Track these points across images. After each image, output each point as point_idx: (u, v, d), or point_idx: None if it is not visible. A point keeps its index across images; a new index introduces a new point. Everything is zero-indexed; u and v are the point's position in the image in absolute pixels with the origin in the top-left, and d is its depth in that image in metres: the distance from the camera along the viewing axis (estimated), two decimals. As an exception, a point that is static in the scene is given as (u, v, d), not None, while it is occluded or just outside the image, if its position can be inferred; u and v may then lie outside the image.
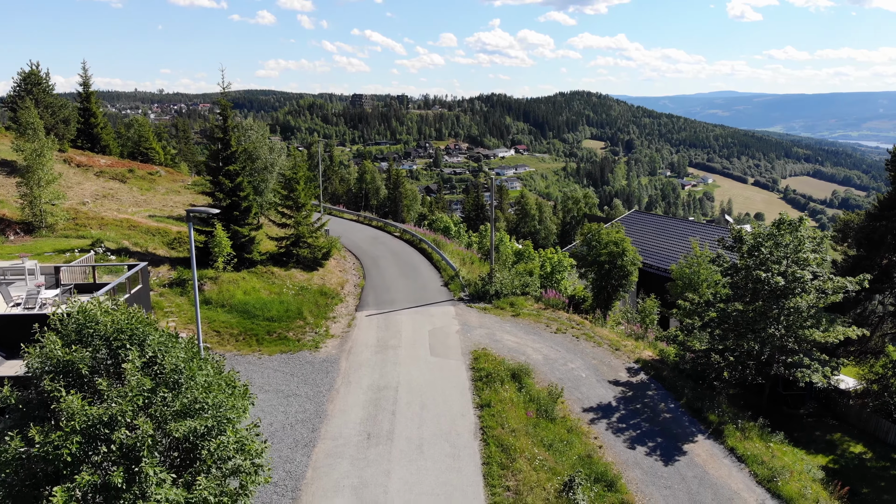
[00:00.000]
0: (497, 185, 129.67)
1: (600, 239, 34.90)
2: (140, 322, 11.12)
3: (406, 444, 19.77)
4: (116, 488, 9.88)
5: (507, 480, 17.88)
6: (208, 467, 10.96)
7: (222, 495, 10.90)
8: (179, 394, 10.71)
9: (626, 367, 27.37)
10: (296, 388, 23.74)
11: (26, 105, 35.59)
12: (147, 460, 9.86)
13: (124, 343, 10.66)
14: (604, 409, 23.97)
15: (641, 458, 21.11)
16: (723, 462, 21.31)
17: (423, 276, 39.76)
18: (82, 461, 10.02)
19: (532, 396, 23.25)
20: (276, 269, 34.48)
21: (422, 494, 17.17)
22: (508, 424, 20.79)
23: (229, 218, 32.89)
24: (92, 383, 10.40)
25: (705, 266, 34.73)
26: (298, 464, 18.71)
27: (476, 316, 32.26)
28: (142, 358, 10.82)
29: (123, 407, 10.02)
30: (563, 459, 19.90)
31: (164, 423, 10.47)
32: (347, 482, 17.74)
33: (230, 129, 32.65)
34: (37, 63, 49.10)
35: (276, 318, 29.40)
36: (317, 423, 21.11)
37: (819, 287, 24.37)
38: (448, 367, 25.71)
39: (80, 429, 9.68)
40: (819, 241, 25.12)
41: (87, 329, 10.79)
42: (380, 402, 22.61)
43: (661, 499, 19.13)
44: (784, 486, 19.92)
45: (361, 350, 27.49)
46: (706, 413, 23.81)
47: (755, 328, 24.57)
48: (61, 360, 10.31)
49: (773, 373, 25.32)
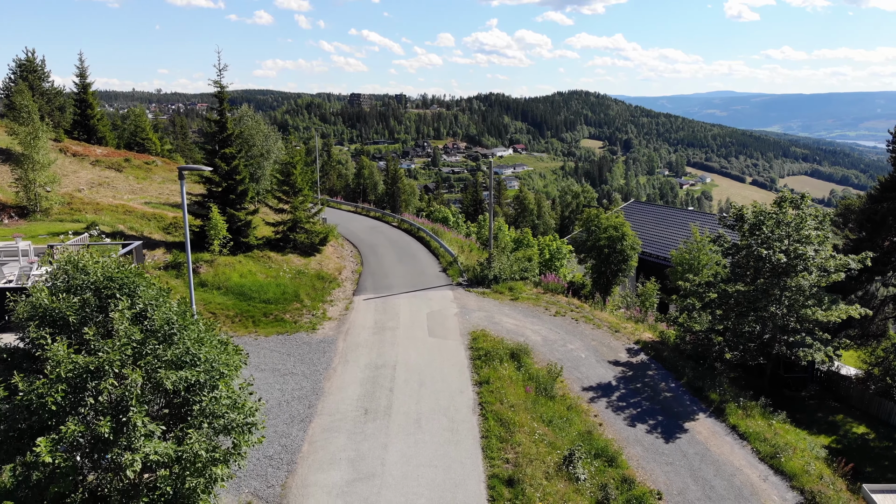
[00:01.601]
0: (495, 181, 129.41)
1: (600, 224, 34.64)
2: (131, 273, 10.81)
3: (404, 418, 19.47)
4: (103, 440, 9.57)
5: (506, 453, 17.58)
6: (200, 423, 10.66)
7: (214, 451, 10.60)
8: (171, 345, 10.40)
9: (625, 349, 27.10)
10: (292, 367, 23.43)
11: (20, 88, 35.19)
12: (135, 409, 9.55)
13: (114, 292, 10.35)
14: (603, 389, 23.70)
15: (642, 436, 20.83)
16: (724, 439, 21.04)
17: (421, 262, 39.46)
18: (68, 413, 9.72)
19: (531, 375, 22.97)
20: (272, 254, 34.15)
21: (420, 466, 16.87)
22: (507, 400, 20.50)
23: (225, 201, 32.58)
24: (80, 333, 10.08)
25: (705, 252, 34.49)
26: (294, 438, 18.40)
27: (474, 300, 31.97)
28: (132, 309, 10.52)
29: (111, 356, 9.72)
30: (563, 435, 19.61)
31: (154, 373, 10.15)
32: (344, 455, 17.44)
33: (226, 112, 32.33)
34: (32, 51, 48.84)
35: (272, 300, 29.09)
36: (313, 400, 20.80)
37: (821, 265, 24.11)
38: (446, 347, 25.43)
39: (65, 377, 9.37)
40: (821, 219, 24.86)
41: (76, 280, 10.48)
42: (377, 379, 22.32)
43: (662, 474, 18.85)
44: (787, 463, 19.65)
45: (359, 331, 27.18)
46: (707, 392, 23.54)
47: (756, 307, 24.31)
48: (48, 309, 10.00)
49: (775, 352, 25.03)
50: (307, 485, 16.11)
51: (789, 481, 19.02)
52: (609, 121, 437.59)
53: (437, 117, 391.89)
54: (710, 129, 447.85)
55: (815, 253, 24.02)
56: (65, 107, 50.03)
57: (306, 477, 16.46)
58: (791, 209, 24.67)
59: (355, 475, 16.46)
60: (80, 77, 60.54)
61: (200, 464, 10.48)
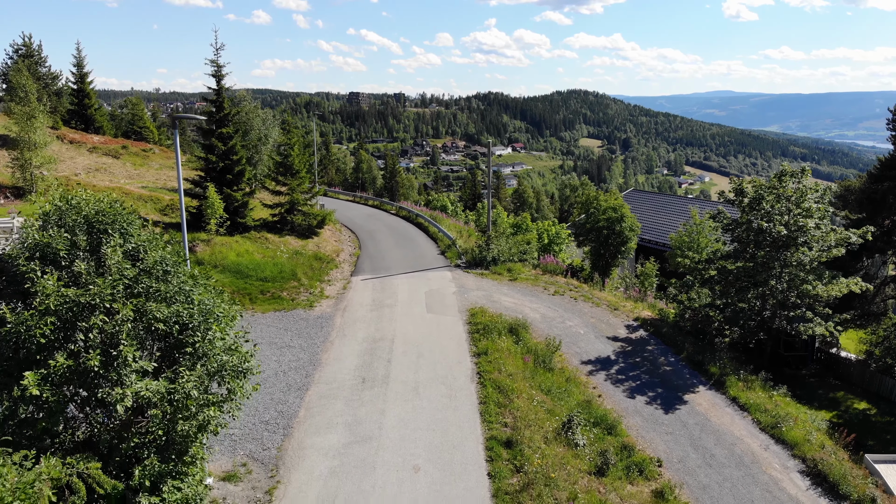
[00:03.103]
0: (494, 176, 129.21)
1: (599, 205, 34.45)
2: (124, 210, 10.62)
3: (402, 386, 19.29)
4: (93, 373, 9.38)
5: (504, 417, 17.40)
6: (193, 364, 10.47)
7: (207, 392, 10.41)
8: (164, 283, 10.22)
9: (624, 325, 26.93)
10: (289, 341, 23.25)
11: (18, 67, 34.90)
12: (126, 342, 9.36)
13: (106, 228, 10.15)
14: (602, 362, 23.53)
15: (641, 407, 20.66)
16: (725, 410, 20.87)
17: (419, 246, 39.28)
18: (57, 348, 9.53)
19: (529, 348, 22.78)
20: (269, 236, 33.97)
21: (417, 430, 16.69)
22: (505, 369, 20.32)
23: (222, 181, 32.37)
24: (70, 269, 9.88)
25: (704, 235, 34.32)
26: (291, 405, 18.22)
27: (473, 280, 31.79)
28: (123, 247, 10.33)
29: (103, 290, 9.52)
30: (562, 404, 19.43)
31: (147, 312, 9.96)
32: (341, 419, 17.25)
33: (223, 92, 32.12)
34: (29, 35, 48.51)
35: (269, 278, 28.90)
36: (310, 370, 20.62)
37: (821, 239, 23.93)
38: (444, 322, 25.24)
39: (54, 309, 9.17)
40: (822, 192, 24.67)
41: (68, 217, 10.28)
42: (375, 351, 22.14)
43: (662, 443, 18.68)
44: (788, 432, 19.46)
45: (357, 308, 27.00)
46: (707, 366, 23.36)
47: (756, 281, 24.13)
48: (39, 243, 9.80)
49: (775, 326, 24.86)
50: (303, 447, 15.92)
51: (791, 450, 18.85)
52: (608, 120, 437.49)
53: (436, 116, 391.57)
54: (709, 128, 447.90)
55: (816, 226, 23.85)
56: (62, 92, 49.76)
57: (302, 440, 16.27)
58: (791, 183, 24.48)
59: (352, 438, 16.27)
60: (78, 67, 60.24)
61: (193, 406, 10.29)
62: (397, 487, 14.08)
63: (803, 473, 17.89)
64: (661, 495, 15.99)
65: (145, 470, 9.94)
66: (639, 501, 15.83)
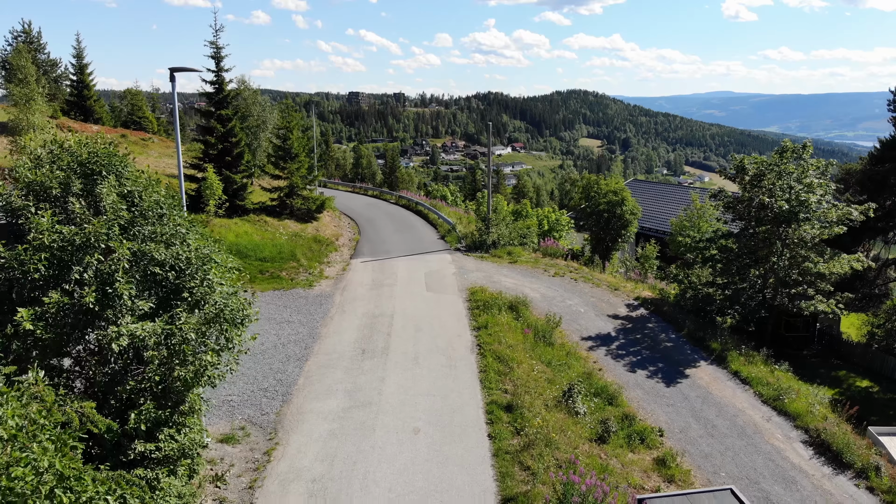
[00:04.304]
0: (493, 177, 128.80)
1: (599, 189, 34.36)
2: (118, 153, 10.48)
3: (401, 357, 19.16)
4: (88, 311, 9.24)
5: (504, 384, 17.27)
6: (190, 307, 10.33)
7: (204, 336, 10.27)
8: (161, 225, 10.08)
9: (625, 304, 26.81)
10: (289, 317, 23.12)
11: (18, 49, 34.74)
12: (122, 279, 9.22)
13: (101, 169, 10.02)
14: (603, 339, 23.39)
15: (642, 380, 20.53)
16: (726, 384, 20.74)
17: (419, 231, 39.17)
18: (52, 287, 9.38)
19: (530, 324, 22.64)
20: (268, 219, 33.84)
21: (417, 395, 16.55)
22: (506, 341, 20.19)
23: (221, 163, 32.23)
24: (64, 208, 9.74)
25: (705, 219, 34.22)
26: (290, 374, 18.09)
27: (473, 262, 31.66)
28: (118, 189, 10.20)
29: (98, 229, 9.38)
30: (562, 375, 19.28)
31: (143, 254, 9.82)
32: (341, 387, 17.12)
33: (222, 73, 32.00)
34: (29, 22, 48.34)
35: (268, 258, 28.78)
36: (309, 343, 20.49)
37: (824, 214, 23.79)
38: (444, 300, 25.12)
39: (48, 245, 9.03)
40: (823, 169, 24.53)
41: (61, 159, 10.15)
42: (375, 325, 22.01)
43: (663, 414, 18.54)
44: (791, 404, 19.32)
45: (356, 287, 26.87)
46: (708, 342, 23.23)
47: (758, 257, 24.01)
48: (32, 182, 9.66)
49: (777, 304, 24.72)
50: (302, 412, 15.78)
51: (793, 421, 18.72)
52: (607, 120, 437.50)
53: (436, 116, 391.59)
54: (709, 128, 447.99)
55: (818, 202, 23.71)
56: (60, 78, 49.68)
57: (301, 405, 16.13)
58: (793, 159, 24.35)
59: (352, 403, 16.14)
60: (77, 59, 60.12)
61: (190, 352, 10.16)
62: (397, 447, 13.94)
63: (806, 443, 17.75)
64: (664, 462, 15.84)
65: (141, 415, 9.80)
66: (640, 468, 15.69)
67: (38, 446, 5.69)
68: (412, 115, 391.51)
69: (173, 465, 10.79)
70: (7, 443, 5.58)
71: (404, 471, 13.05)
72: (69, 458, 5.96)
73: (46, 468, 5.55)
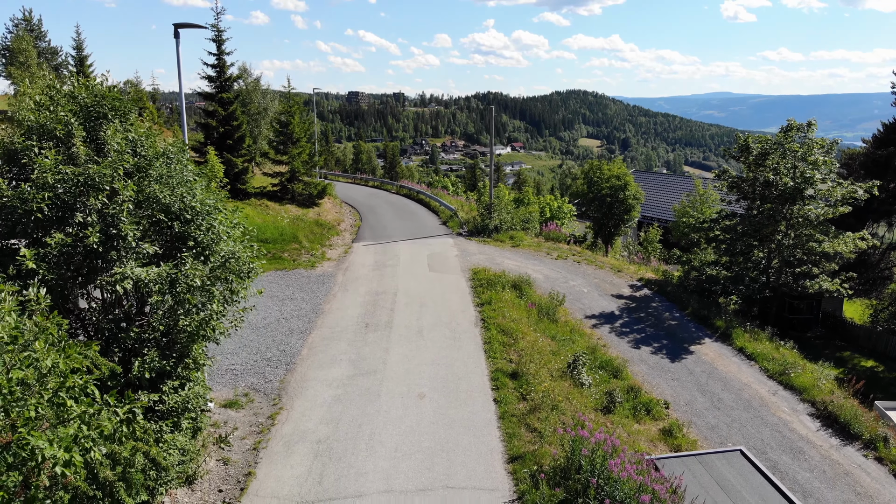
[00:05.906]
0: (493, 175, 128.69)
1: (602, 174, 34.24)
2: (123, 98, 10.35)
3: (405, 330, 19.03)
4: (92, 252, 9.11)
5: (508, 355, 17.14)
6: (196, 256, 10.20)
7: (210, 285, 10.14)
8: (167, 167, 9.95)
9: (628, 285, 26.69)
10: (291, 294, 22.98)
11: (19, 34, 34.60)
12: (126, 220, 9.09)
13: (106, 113, 9.88)
14: (606, 317, 23.27)
15: (647, 356, 20.42)
16: (731, 360, 20.64)
17: (420, 218, 39.05)
18: (56, 228, 9.24)
19: (533, 301, 22.52)
20: (270, 203, 33.72)
21: (422, 364, 16.42)
22: (510, 315, 20.06)
23: (222, 146, 32.10)
24: (69, 153, 9.60)
25: (708, 205, 34.13)
26: (293, 345, 17.95)
27: (475, 246, 31.53)
28: (122, 133, 10.07)
29: (102, 170, 9.25)
30: (567, 349, 19.14)
31: (148, 197, 9.69)
32: (345, 357, 16.98)
33: (224, 56, 31.87)
34: (29, 10, 48.10)
35: (270, 240, 28.64)
36: (313, 318, 20.35)
37: (828, 192, 23.67)
38: (447, 279, 24.99)
39: (52, 183, 8.89)
40: (827, 147, 24.40)
41: (64, 104, 10.00)
42: (378, 302, 21.88)
43: (668, 388, 18.42)
44: (796, 378, 19.21)
45: (358, 268, 26.74)
46: (713, 320, 23.12)
47: (762, 235, 23.88)
48: (35, 125, 9.53)
49: (781, 283, 24.60)
50: (306, 379, 15.65)
51: (799, 395, 18.62)
52: (607, 120, 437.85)
53: (435, 116, 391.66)
54: (708, 128, 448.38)
55: (822, 180, 23.59)
56: (60, 67, 49.49)
57: (306, 373, 16.00)
58: (797, 137, 24.23)
59: (356, 371, 16.01)
60: (77, 50, 59.91)
61: (195, 301, 10.03)
62: (402, 411, 13.81)
63: (813, 416, 17.65)
64: (670, 433, 15.71)
65: (145, 363, 9.67)
66: (647, 437, 15.56)
67: (41, 342, 5.55)
68: (412, 114, 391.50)
69: (177, 419, 10.66)
70: (7, 345, 5.44)
71: (410, 432, 12.92)
72: (73, 359, 5.82)
73: (50, 368, 5.41)
